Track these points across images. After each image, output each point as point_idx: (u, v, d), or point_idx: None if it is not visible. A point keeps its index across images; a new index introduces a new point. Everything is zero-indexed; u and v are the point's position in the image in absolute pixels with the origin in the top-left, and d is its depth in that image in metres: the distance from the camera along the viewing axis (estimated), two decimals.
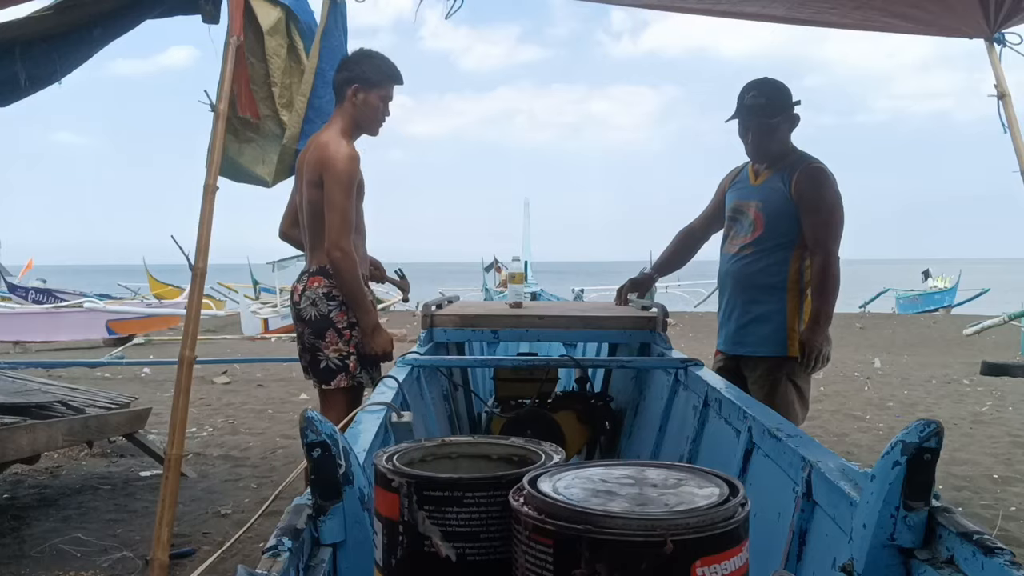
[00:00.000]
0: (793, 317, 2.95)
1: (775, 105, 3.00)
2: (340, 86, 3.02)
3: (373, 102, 3.00)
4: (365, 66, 3.02)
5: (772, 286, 2.97)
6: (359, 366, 3.01)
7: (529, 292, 7.37)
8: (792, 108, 3.04)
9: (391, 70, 3.05)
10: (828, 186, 2.96)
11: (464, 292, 5.25)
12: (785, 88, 3.05)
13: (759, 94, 3.00)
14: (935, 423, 1.16)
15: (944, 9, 3.46)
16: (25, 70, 2.84)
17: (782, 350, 2.94)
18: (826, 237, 2.93)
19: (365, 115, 3.02)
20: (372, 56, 3.06)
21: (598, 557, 0.85)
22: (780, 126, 3.01)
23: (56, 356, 10.92)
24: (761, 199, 3.03)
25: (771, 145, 3.03)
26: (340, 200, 2.87)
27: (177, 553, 3.07)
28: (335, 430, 1.23)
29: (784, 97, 3.03)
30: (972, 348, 11.92)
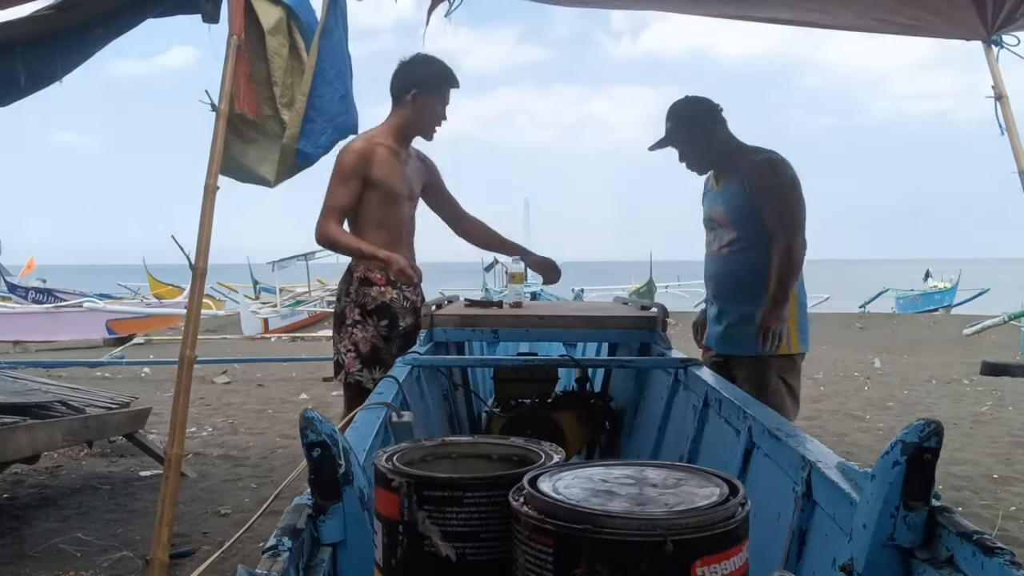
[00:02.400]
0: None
1: (682, 124, 3.13)
2: (398, 90, 3.16)
3: (432, 106, 3.15)
4: (425, 71, 3.16)
5: (753, 285, 3.02)
6: (359, 365, 3.10)
7: (529, 292, 7.38)
8: (704, 118, 3.13)
9: (448, 75, 3.18)
10: (780, 173, 3.02)
11: (464, 292, 5.24)
12: (693, 103, 3.18)
13: (668, 119, 3.17)
14: (935, 423, 1.16)
15: (941, 13, 3.47)
16: (26, 69, 2.84)
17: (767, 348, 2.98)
18: (787, 222, 2.98)
19: (422, 119, 3.17)
20: (431, 61, 3.20)
21: (598, 557, 0.85)
22: (698, 139, 3.13)
23: (56, 356, 10.92)
24: (724, 204, 3.12)
25: (699, 158, 3.18)
26: (329, 185, 3.10)
27: (177, 553, 3.08)
28: (335, 430, 1.23)
29: (690, 112, 3.15)
30: (972, 348, 11.92)
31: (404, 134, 3.20)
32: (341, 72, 3.42)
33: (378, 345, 3.17)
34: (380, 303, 3.18)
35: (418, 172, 3.32)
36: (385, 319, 3.18)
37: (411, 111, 3.16)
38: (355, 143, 3.16)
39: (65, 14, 2.83)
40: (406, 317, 3.25)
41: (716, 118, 3.15)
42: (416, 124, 3.19)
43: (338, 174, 3.10)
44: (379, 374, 3.09)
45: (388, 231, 3.16)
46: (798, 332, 3.05)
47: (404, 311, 3.24)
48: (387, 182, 3.11)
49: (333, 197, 3.09)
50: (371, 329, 3.15)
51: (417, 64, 3.18)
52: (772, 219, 2.99)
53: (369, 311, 3.16)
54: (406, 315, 3.25)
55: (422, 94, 3.13)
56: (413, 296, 3.30)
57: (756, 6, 3.74)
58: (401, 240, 3.24)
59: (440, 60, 3.20)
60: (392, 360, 3.11)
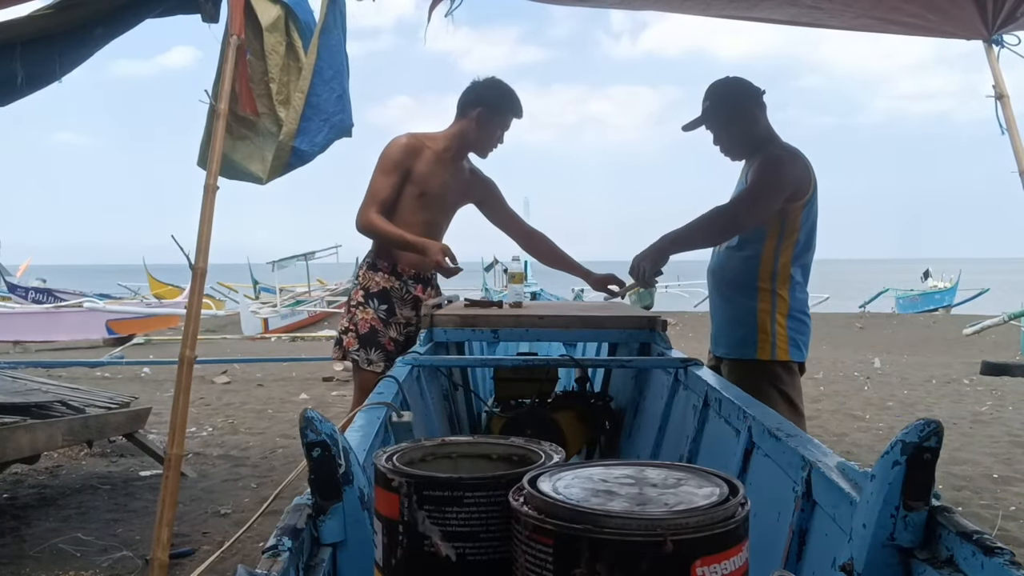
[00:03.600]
0: (765, 318, 2.87)
1: (722, 106, 2.97)
2: (465, 105, 3.30)
3: (492, 128, 3.30)
4: (495, 93, 3.31)
5: (744, 284, 2.92)
6: (357, 344, 3.27)
7: (529, 292, 7.38)
8: (743, 101, 2.96)
9: (515, 104, 3.33)
10: (770, 167, 2.86)
11: (464, 292, 5.25)
12: (735, 84, 3.01)
13: (706, 98, 3.01)
14: (935, 423, 1.16)
15: (942, 13, 3.47)
16: (25, 69, 2.84)
17: (751, 353, 2.89)
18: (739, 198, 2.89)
19: (480, 137, 3.31)
20: (503, 87, 3.34)
21: (598, 557, 0.85)
22: (736, 124, 2.97)
23: (56, 356, 10.92)
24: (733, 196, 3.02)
25: (735, 144, 3.01)
26: (373, 175, 3.23)
27: (177, 553, 3.08)
28: (335, 430, 1.23)
29: (730, 94, 2.98)
30: (972, 348, 11.93)
31: (459, 145, 3.33)
32: (339, 72, 3.42)
33: (376, 327, 3.30)
34: (381, 288, 3.34)
35: (466, 185, 3.43)
36: (384, 304, 3.33)
37: (473, 127, 3.29)
38: (402, 138, 3.27)
39: (65, 14, 2.83)
40: (403, 308, 3.35)
41: (758, 102, 2.98)
42: (474, 140, 3.33)
43: (382, 166, 3.22)
44: (374, 355, 3.27)
45: (416, 230, 3.24)
46: (788, 339, 2.90)
47: (402, 302, 3.35)
48: (425, 182, 3.23)
49: (375, 187, 3.21)
50: (371, 311, 3.30)
51: (490, 86, 3.33)
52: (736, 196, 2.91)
53: (371, 294, 3.32)
54: (404, 306, 3.35)
55: (486, 113, 3.27)
56: (418, 293, 3.38)
57: (755, 6, 3.74)
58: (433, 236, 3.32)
59: (511, 89, 3.35)
60: (391, 344, 3.30)
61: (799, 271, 2.92)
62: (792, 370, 2.91)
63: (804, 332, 2.94)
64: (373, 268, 3.37)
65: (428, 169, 3.23)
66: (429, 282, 3.44)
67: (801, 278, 2.94)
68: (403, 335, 3.36)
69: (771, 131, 3.00)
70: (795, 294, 2.92)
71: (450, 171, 3.33)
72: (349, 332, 3.31)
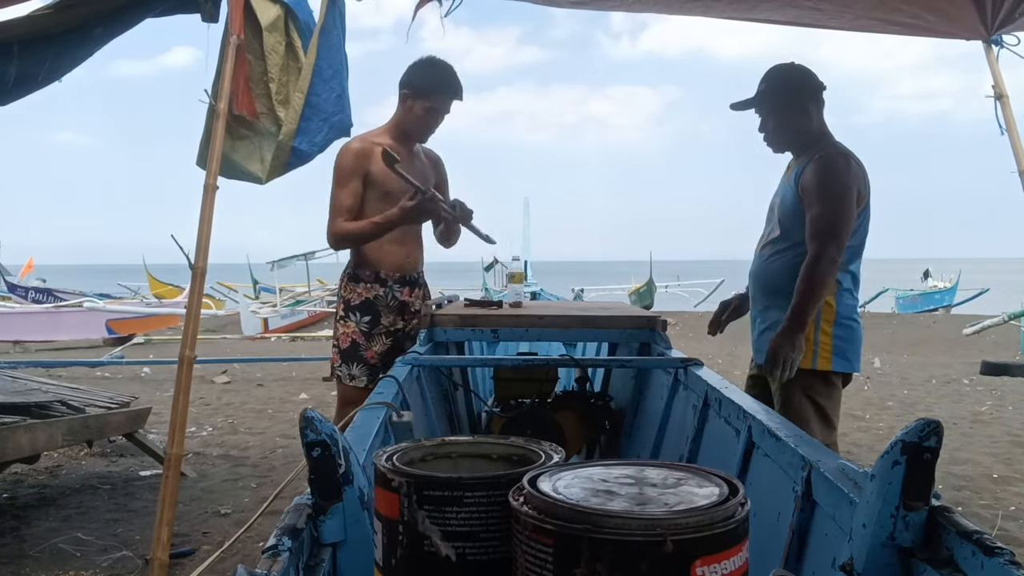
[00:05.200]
0: (810, 325, 2.66)
1: (778, 93, 2.77)
2: (399, 89, 3.18)
3: (418, 111, 3.11)
4: (420, 74, 3.12)
5: (784, 292, 2.70)
6: (339, 360, 3.19)
7: (529, 292, 7.38)
8: (805, 95, 2.76)
9: (441, 82, 3.11)
10: (832, 176, 2.64)
11: (464, 292, 5.25)
12: (794, 70, 2.81)
13: (763, 82, 2.80)
14: (935, 422, 1.16)
15: (941, 13, 3.47)
16: (25, 69, 2.84)
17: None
18: (818, 232, 2.62)
19: (410, 121, 3.14)
20: (431, 65, 3.15)
21: (598, 557, 0.85)
22: (788, 115, 2.77)
23: (56, 356, 10.92)
24: (780, 196, 2.85)
25: (782, 135, 2.82)
26: (332, 190, 3.12)
27: (177, 553, 3.08)
28: (335, 430, 1.23)
29: (790, 83, 2.78)
30: (972, 348, 11.93)
31: (400, 133, 3.17)
32: (338, 71, 3.42)
33: (357, 341, 3.17)
34: (364, 299, 3.18)
35: (424, 170, 3.23)
36: (367, 315, 3.18)
37: (403, 111, 3.16)
38: (351, 144, 3.16)
39: (64, 14, 2.83)
40: (390, 315, 3.21)
41: (817, 96, 2.78)
42: (409, 125, 3.17)
43: (338, 177, 3.11)
44: (356, 370, 3.15)
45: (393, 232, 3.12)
46: (832, 347, 2.70)
47: (388, 309, 3.21)
48: (384, 181, 3.07)
49: (337, 199, 3.10)
50: (352, 324, 3.18)
51: (420, 66, 3.14)
52: (808, 225, 2.66)
53: (352, 307, 3.18)
54: (390, 313, 3.21)
55: (411, 97, 3.12)
56: (405, 296, 3.25)
57: (755, 7, 3.74)
58: (396, 237, 3.16)
59: (446, 68, 3.15)
60: (374, 357, 3.16)
61: (848, 277, 2.75)
62: (831, 382, 2.73)
63: (853, 340, 2.74)
64: (354, 279, 3.22)
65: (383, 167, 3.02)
66: (416, 283, 3.29)
67: (851, 284, 2.76)
68: (388, 344, 3.21)
69: (824, 129, 2.81)
70: (843, 300, 2.74)
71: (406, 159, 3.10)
72: (334, 348, 3.25)
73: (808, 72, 2.81)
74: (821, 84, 2.80)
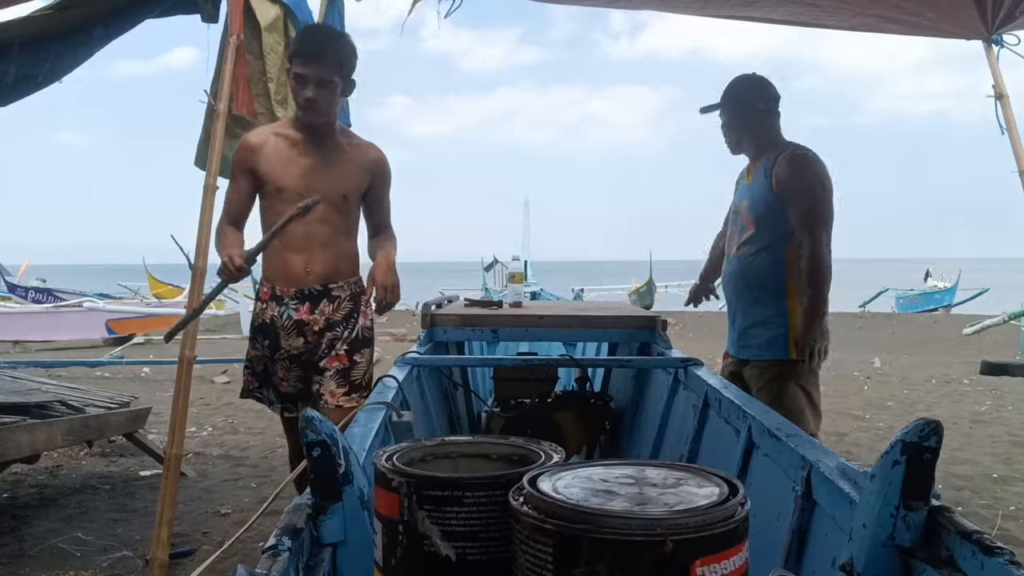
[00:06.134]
0: (795, 318, 2.86)
1: (731, 102, 3.01)
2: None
3: (292, 83, 2.60)
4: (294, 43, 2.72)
5: (771, 287, 2.90)
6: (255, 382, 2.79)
7: (529, 292, 7.37)
8: (749, 100, 2.99)
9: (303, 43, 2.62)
10: (808, 170, 2.86)
11: (464, 292, 5.25)
12: (752, 81, 3.04)
13: (726, 89, 3.04)
14: (935, 422, 1.16)
15: (941, 12, 3.47)
16: (24, 69, 2.84)
17: (785, 353, 2.86)
18: (810, 224, 2.82)
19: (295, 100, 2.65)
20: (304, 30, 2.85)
21: (598, 557, 0.85)
22: (734, 116, 3.01)
23: (56, 356, 10.91)
24: (750, 197, 3.00)
25: (736, 137, 3.03)
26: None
27: (177, 552, 3.07)
28: (335, 430, 1.23)
29: (744, 90, 3.02)
30: (972, 348, 11.92)
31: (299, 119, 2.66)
32: None
33: (268, 366, 2.74)
34: (260, 321, 2.71)
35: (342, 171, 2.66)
36: (266, 339, 2.70)
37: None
38: (248, 135, 2.72)
39: (65, 14, 2.84)
40: (289, 338, 2.67)
41: (768, 107, 3.01)
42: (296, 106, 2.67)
43: (231, 173, 2.73)
44: (273, 395, 2.77)
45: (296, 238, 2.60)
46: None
47: (286, 331, 2.66)
48: (279, 176, 2.60)
49: (226, 199, 2.71)
50: (258, 347, 2.73)
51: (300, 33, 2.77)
52: (796, 220, 2.84)
53: (255, 327, 2.74)
54: (290, 336, 2.67)
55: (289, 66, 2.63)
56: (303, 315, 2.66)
57: (752, 4, 3.74)
58: (295, 247, 2.62)
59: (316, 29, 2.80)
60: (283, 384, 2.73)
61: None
62: (815, 370, 2.91)
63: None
64: (257, 299, 2.76)
65: (279, 158, 2.60)
66: (320, 298, 2.65)
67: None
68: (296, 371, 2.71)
69: (779, 133, 3.02)
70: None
71: (311, 153, 2.62)
72: (246, 368, 2.80)
73: (765, 82, 3.05)
74: (777, 95, 3.03)
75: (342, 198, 2.65)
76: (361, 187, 2.70)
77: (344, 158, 2.68)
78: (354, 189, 2.68)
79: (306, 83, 2.53)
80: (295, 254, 2.65)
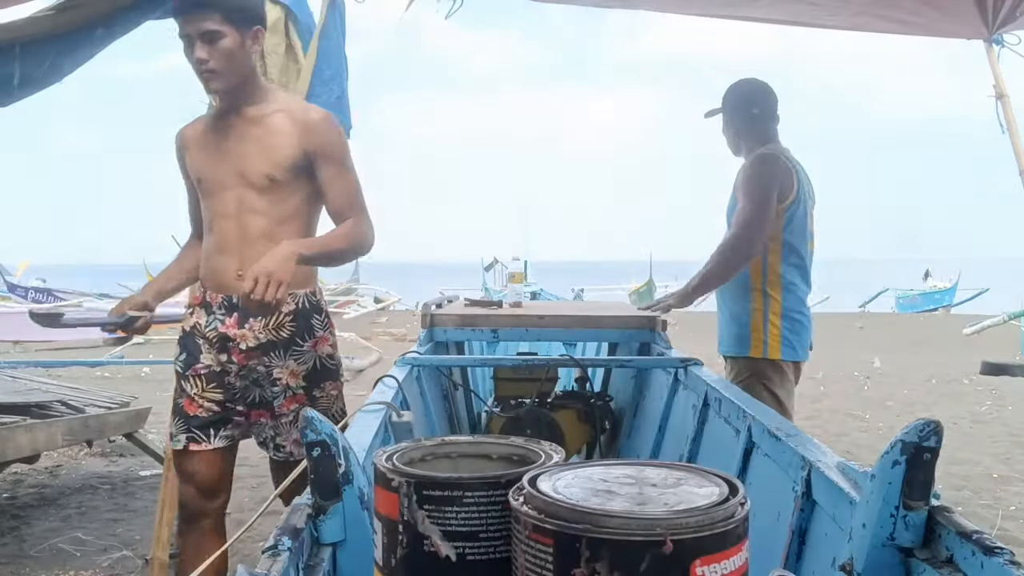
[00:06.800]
0: (758, 317, 2.93)
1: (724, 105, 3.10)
2: None
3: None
4: None
5: (739, 285, 2.98)
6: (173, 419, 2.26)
7: (529, 292, 7.38)
8: (742, 105, 3.05)
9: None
10: (752, 168, 2.94)
11: (464, 292, 5.25)
12: (747, 87, 3.11)
13: (725, 93, 3.12)
14: (934, 422, 1.16)
15: (942, 12, 3.47)
16: (24, 70, 2.84)
17: (745, 350, 2.94)
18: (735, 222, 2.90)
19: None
20: None
21: (598, 556, 0.85)
22: (730, 120, 3.08)
23: (56, 356, 10.91)
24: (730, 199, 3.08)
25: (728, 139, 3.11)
26: None
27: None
28: (335, 429, 1.23)
29: (736, 93, 3.09)
30: (972, 348, 11.92)
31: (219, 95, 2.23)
32: (337, 73, 3.42)
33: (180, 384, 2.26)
34: (183, 330, 2.28)
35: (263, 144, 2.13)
36: (184, 351, 2.24)
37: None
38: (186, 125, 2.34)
39: (65, 15, 2.83)
40: (209, 352, 2.19)
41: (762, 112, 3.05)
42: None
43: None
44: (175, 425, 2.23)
45: (213, 237, 2.21)
46: (780, 338, 2.92)
47: (208, 344, 2.19)
48: (194, 167, 2.23)
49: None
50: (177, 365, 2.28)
51: None
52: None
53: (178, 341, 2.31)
54: (210, 349, 2.19)
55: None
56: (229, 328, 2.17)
57: (752, 4, 3.74)
58: (228, 248, 2.17)
59: None
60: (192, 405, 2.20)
61: (794, 271, 2.95)
62: (781, 369, 2.93)
63: (800, 332, 2.95)
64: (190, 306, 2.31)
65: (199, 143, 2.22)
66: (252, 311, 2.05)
67: (798, 278, 2.97)
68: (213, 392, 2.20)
69: (772, 136, 3.05)
70: (789, 294, 2.94)
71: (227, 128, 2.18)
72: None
73: (763, 87, 3.11)
74: (774, 100, 3.09)
75: (266, 179, 2.12)
76: (293, 161, 2.12)
77: (266, 129, 2.14)
78: (282, 166, 2.12)
79: (192, 43, 2.10)
80: (224, 254, 2.18)
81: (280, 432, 2.27)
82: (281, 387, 2.21)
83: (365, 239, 2.20)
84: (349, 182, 2.21)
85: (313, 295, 2.24)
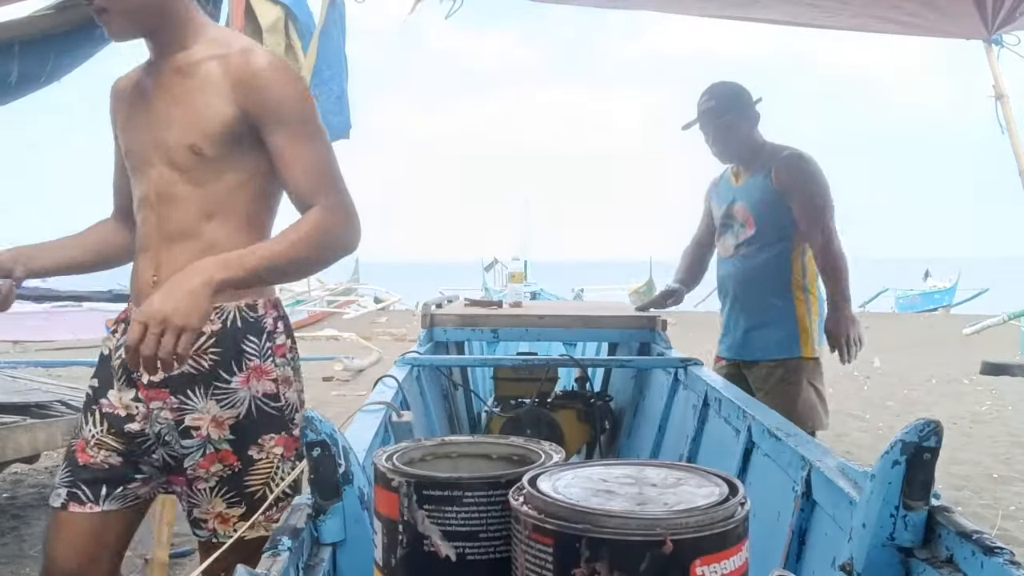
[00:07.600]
0: (805, 316, 2.91)
1: (724, 105, 3.01)
2: None
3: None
4: None
5: (777, 285, 2.92)
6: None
7: (529, 291, 7.38)
8: (745, 106, 3.03)
9: None
10: (808, 168, 2.93)
11: (464, 292, 5.27)
12: (737, 88, 3.07)
13: (710, 98, 3.04)
14: (935, 422, 1.16)
15: (941, 12, 3.47)
16: (25, 69, 2.84)
17: (796, 351, 2.89)
18: (819, 217, 2.88)
19: None
20: None
21: (598, 556, 0.85)
22: (735, 124, 3.01)
23: (56, 356, 10.91)
24: (746, 198, 3.02)
25: (731, 144, 3.04)
26: None
27: (177, 552, 3.07)
28: (335, 429, 1.23)
29: (734, 96, 3.04)
30: (972, 348, 11.92)
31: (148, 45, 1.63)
32: (337, 72, 3.42)
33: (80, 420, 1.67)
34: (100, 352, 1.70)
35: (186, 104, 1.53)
36: (95, 378, 1.66)
37: None
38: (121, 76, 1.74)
39: (65, 14, 2.84)
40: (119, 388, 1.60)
41: (745, 113, 3.04)
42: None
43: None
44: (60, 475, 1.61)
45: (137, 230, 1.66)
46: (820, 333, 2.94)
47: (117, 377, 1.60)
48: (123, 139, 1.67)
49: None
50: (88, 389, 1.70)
51: None
52: (803, 215, 2.89)
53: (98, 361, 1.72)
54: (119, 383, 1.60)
55: None
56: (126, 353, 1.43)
57: (752, 5, 3.74)
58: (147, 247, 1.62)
59: None
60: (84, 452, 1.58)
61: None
62: (820, 364, 2.96)
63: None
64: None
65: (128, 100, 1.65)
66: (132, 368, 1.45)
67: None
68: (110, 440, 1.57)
69: (758, 138, 3.07)
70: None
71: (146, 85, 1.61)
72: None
73: (735, 92, 3.07)
74: (750, 99, 3.06)
75: (189, 152, 1.52)
76: (227, 127, 1.51)
77: (193, 83, 1.54)
78: (210, 134, 1.51)
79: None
80: (142, 254, 1.64)
81: (198, 502, 1.59)
82: (197, 440, 1.54)
83: (336, 238, 1.52)
84: (313, 154, 1.53)
85: (252, 308, 1.57)
